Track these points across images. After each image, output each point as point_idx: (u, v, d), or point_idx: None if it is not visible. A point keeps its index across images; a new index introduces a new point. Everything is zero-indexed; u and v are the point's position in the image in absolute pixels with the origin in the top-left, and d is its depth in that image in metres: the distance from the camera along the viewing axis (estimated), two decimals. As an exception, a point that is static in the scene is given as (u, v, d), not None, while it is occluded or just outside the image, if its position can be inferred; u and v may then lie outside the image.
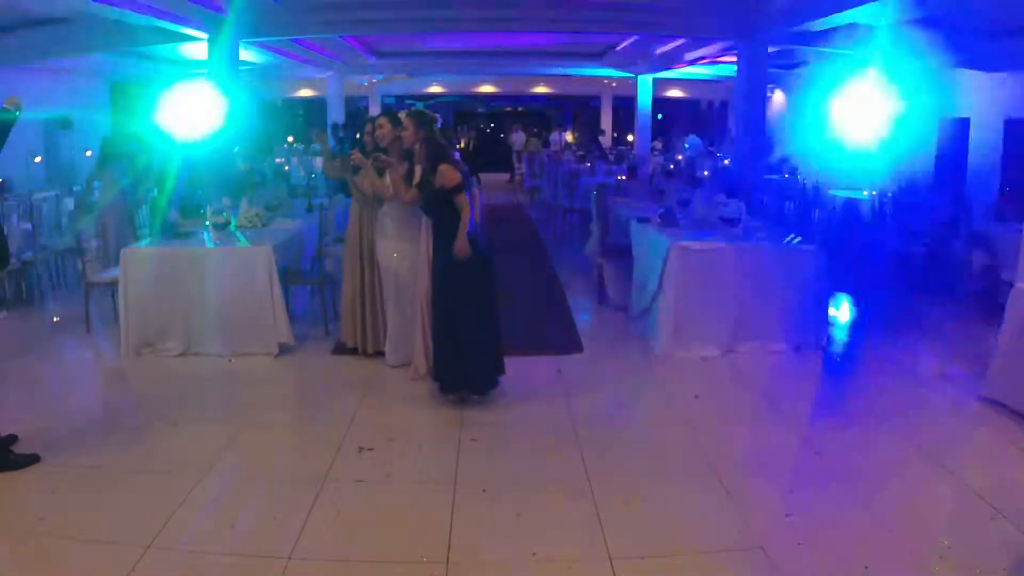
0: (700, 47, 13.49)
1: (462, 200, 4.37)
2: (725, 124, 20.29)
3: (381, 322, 5.35)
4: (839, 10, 8.23)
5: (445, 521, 3.33)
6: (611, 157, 15.44)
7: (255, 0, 9.63)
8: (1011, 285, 4.65)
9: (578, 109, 26.34)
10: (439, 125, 4.70)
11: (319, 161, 5.85)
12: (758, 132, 11.02)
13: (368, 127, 5.44)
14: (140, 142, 7.58)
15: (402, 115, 4.84)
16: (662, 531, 3.28)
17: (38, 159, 11.05)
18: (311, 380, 5.18)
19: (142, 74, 14.38)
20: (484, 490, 3.62)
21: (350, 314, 5.47)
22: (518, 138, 20.89)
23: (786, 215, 7.54)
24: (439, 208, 4.49)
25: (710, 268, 5.57)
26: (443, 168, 4.36)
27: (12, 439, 3.91)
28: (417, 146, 4.64)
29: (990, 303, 6.56)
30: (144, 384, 5.17)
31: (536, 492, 3.63)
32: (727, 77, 16.69)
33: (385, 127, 5.02)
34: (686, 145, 17.44)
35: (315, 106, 21.88)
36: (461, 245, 4.41)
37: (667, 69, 16.79)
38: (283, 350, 5.55)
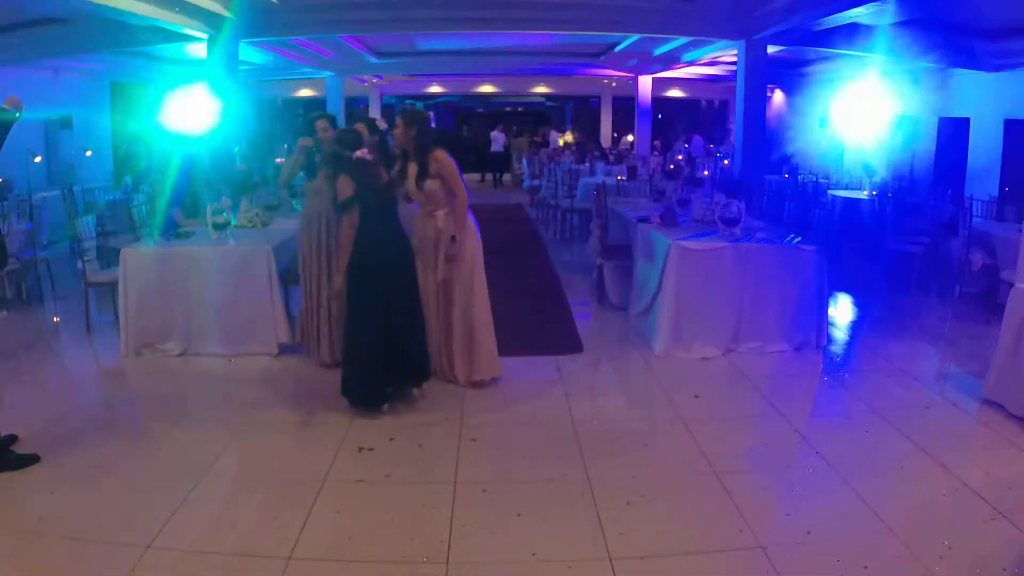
0: (700, 47, 13.49)
1: (347, 219, 4.29)
2: (725, 124, 20.30)
3: None
4: (839, 10, 8.23)
5: (445, 521, 3.33)
6: (611, 157, 15.45)
7: (255, 0, 9.62)
8: (1011, 285, 4.65)
9: (577, 109, 26.36)
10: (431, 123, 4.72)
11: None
12: (758, 132, 11.02)
13: (322, 123, 5.33)
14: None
15: (377, 119, 4.85)
16: (662, 531, 3.28)
17: (38, 159, 11.04)
18: (311, 380, 5.17)
19: (142, 74, 14.38)
20: (484, 490, 3.61)
21: (313, 325, 5.30)
22: (499, 137, 20.74)
23: (786, 215, 7.54)
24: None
25: (710, 268, 5.57)
26: (341, 178, 4.33)
27: (12, 439, 3.92)
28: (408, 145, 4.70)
29: (990, 303, 6.57)
30: (144, 384, 5.17)
31: (536, 492, 3.63)
32: (727, 77, 16.70)
33: (364, 133, 4.99)
34: (686, 145, 17.45)
35: (315, 106, 21.87)
36: (338, 280, 4.43)
37: (667, 69, 16.79)
38: (283, 350, 5.55)
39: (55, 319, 6.96)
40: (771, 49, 11.10)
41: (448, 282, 4.81)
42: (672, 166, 12.95)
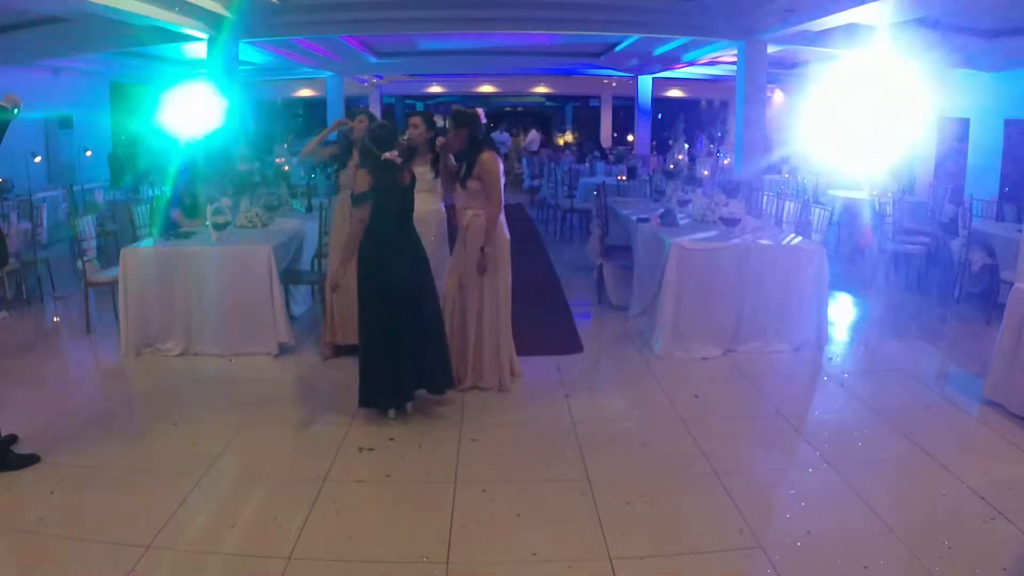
0: (700, 47, 13.48)
1: (358, 213, 4.28)
2: (725, 124, 20.30)
3: None
4: (839, 10, 8.23)
5: (445, 521, 3.33)
6: (611, 157, 15.45)
7: (255, 0, 9.62)
8: (1011, 285, 4.65)
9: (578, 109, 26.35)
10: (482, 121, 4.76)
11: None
12: (758, 132, 11.03)
13: (361, 117, 5.44)
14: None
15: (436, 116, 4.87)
16: (662, 531, 3.28)
17: (38, 159, 11.05)
18: (311, 380, 5.18)
19: (142, 74, 14.39)
20: (484, 490, 3.62)
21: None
22: (505, 139, 20.63)
23: (786, 215, 7.54)
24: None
25: (710, 268, 5.57)
26: (361, 172, 4.31)
27: (12, 439, 3.92)
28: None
29: (990, 303, 6.57)
30: (144, 384, 5.17)
31: (536, 492, 3.63)
32: (727, 77, 16.70)
33: (420, 127, 5.03)
34: (685, 145, 17.45)
35: (315, 106, 21.87)
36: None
37: (667, 69, 16.79)
38: (283, 350, 5.55)
39: (55, 319, 6.96)
40: (771, 49, 11.10)
41: (468, 288, 4.77)
42: (672, 166, 12.95)
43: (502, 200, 4.74)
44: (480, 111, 4.76)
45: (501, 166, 4.73)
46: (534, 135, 21.01)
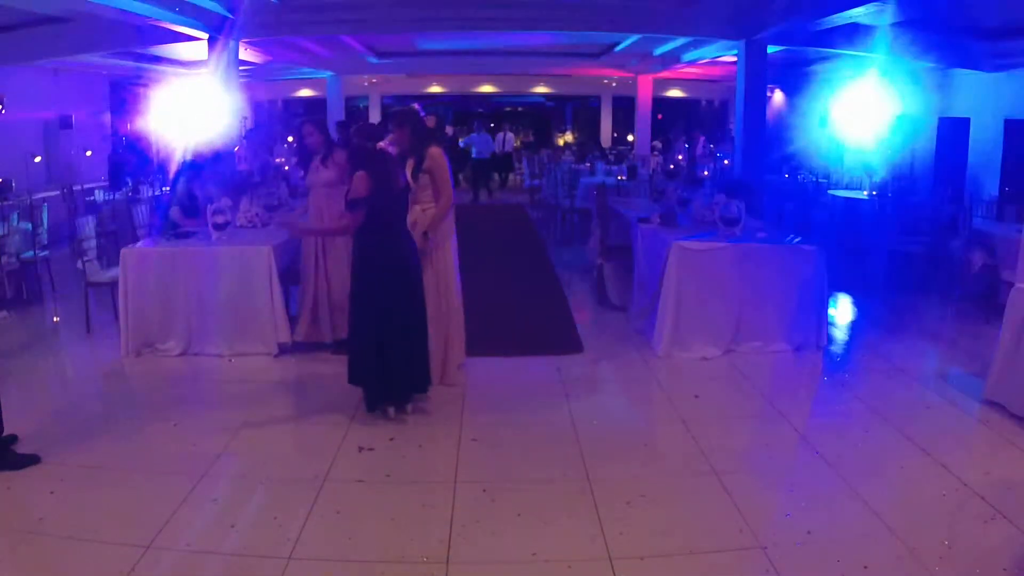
0: (700, 47, 13.48)
1: (349, 216, 4.27)
2: (725, 124, 20.30)
3: None
4: (839, 10, 8.22)
5: (445, 521, 3.33)
6: (611, 157, 15.44)
7: (255, 0, 9.62)
8: (1011, 285, 4.65)
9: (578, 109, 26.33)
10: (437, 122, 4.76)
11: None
12: (758, 132, 11.02)
13: (307, 129, 5.58)
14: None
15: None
16: (662, 531, 3.28)
17: (38, 159, 11.04)
18: (311, 380, 5.18)
19: (142, 74, 14.38)
20: (484, 490, 3.62)
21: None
22: (510, 138, 20.52)
23: (786, 215, 7.54)
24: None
25: (710, 268, 5.57)
26: (357, 175, 4.24)
27: (12, 439, 3.92)
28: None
29: (990, 303, 6.57)
30: (144, 384, 5.18)
31: (536, 492, 3.63)
32: (727, 77, 16.70)
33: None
34: (686, 145, 17.45)
35: (315, 106, 21.86)
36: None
37: (667, 69, 16.79)
38: (283, 350, 5.55)
39: (55, 319, 6.97)
40: (771, 49, 11.09)
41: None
42: (672, 166, 12.95)
43: (452, 195, 4.77)
44: (417, 106, 4.80)
45: (447, 161, 4.76)
46: (508, 136, 21.02)
